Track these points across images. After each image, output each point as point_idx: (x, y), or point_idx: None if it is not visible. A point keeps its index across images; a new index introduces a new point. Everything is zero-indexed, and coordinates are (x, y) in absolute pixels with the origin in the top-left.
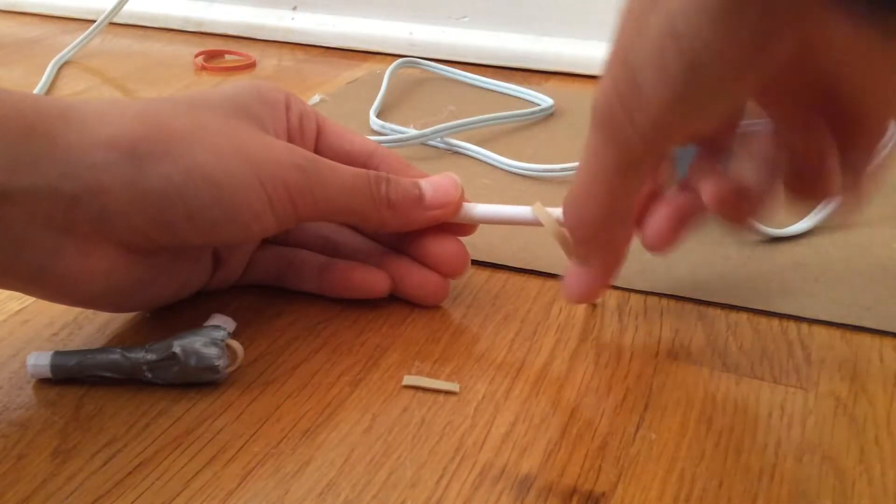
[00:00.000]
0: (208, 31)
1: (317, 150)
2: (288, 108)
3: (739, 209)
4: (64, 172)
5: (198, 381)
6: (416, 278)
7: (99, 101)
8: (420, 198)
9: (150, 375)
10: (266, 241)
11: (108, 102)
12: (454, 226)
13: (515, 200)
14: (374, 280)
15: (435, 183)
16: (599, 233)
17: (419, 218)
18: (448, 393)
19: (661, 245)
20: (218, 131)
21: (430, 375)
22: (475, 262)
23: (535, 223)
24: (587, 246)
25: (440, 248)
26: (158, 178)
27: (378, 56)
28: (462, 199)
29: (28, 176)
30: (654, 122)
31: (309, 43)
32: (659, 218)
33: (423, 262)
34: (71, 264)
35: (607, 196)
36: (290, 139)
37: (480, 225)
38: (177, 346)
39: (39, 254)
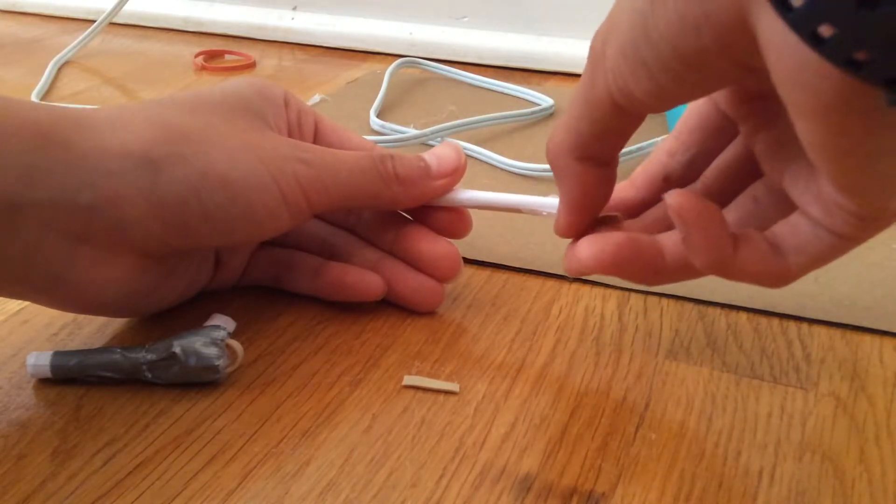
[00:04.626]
0: (208, 31)
1: None
2: (287, 105)
3: (702, 227)
4: (80, 182)
5: (198, 381)
6: (411, 283)
7: (108, 109)
8: (427, 169)
9: (150, 375)
10: (264, 243)
11: (118, 109)
12: (447, 228)
13: None
14: (368, 282)
15: (438, 153)
16: (559, 158)
17: (428, 189)
18: (448, 393)
19: (586, 259)
20: (227, 131)
21: (430, 375)
22: (475, 262)
23: (528, 211)
24: (553, 172)
25: (432, 250)
26: (175, 183)
27: (378, 56)
28: (465, 165)
29: (44, 187)
30: (615, 60)
31: (309, 43)
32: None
33: (416, 265)
34: (85, 273)
35: (573, 124)
36: (289, 136)
37: (478, 226)
38: (177, 346)
39: (54, 263)
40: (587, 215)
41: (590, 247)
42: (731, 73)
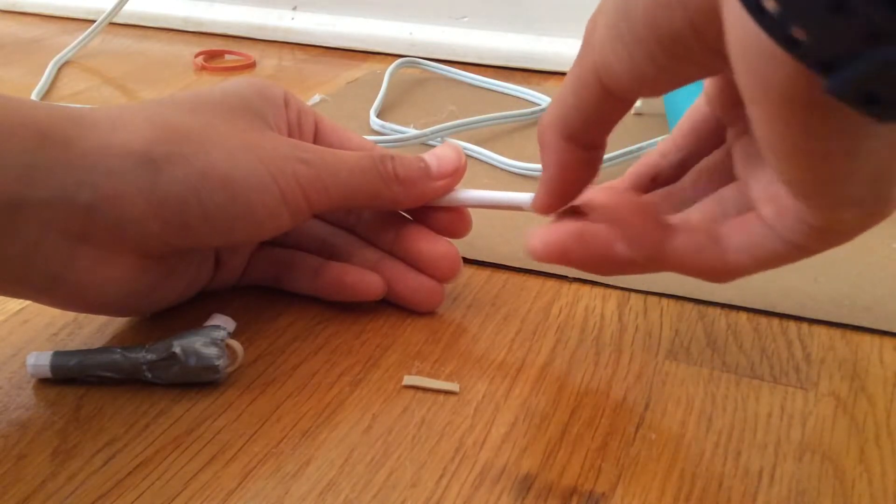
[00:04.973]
0: (208, 31)
1: None
2: (287, 105)
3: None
4: (80, 181)
5: (198, 381)
6: (411, 283)
7: (108, 108)
8: (427, 169)
9: (150, 375)
10: (264, 243)
11: (118, 108)
12: (447, 228)
13: None
14: (367, 282)
15: (438, 154)
16: (545, 133)
17: (429, 190)
18: (448, 393)
19: (544, 247)
20: (227, 131)
21: (430, 375)
22: (475, 263)
23: (529, 209)
24: (539, 146)
25: (432, 250)
26: (175, 182)
27: (378, 56)
28: (465, 166)
29: (43, 185)
30: (601, 38)
31: (309, 43)
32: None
33: (416, 265)
34: (85, 272)
35: (562, 100)
36: (289, 136)
37: (478, 226)
38: (177, 346)
39: (53, 263)
40: (564, 195)
41: (541, 235)
42: (705, 58)
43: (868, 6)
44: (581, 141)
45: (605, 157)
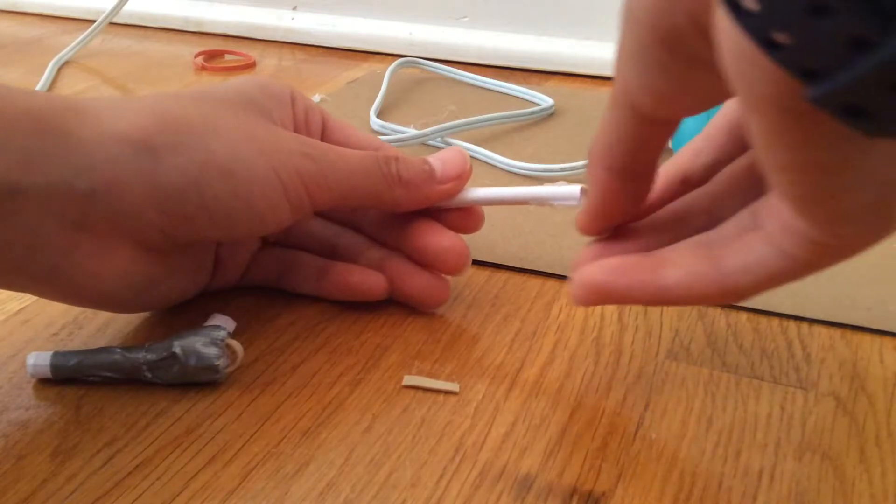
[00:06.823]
0: (208, 31)
1: None
2: (294, 103)
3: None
4: (79, 167)
5: (198, 381)
6: (417, 281)
7: (108, 98)
8: (431, 173)
9: (150, 375)
10: (266, 243)
11: (117, 99)
12: (458, 225)
13: None
14: (371, 282)
15: (443, 157)
16: (591, 165)
17: (432, 193)
18: (448, 393)
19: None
20: (230, 123)
21: (430, 375)
22: (475, 263)
23: (536, 202)
24: (587, 173)
25: (438, 243)
26: (174, 171)
27: (378, 56)
28: (470, 170)
29: (42, 172)
30: (619, 56)
31: (309, 43)
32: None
33: (423, 259)
34: (84, 263)
35: (602, 131)
36: (296, 132)
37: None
38: (177, 346)
39: (52, 252)
40: (605, 222)
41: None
42: (712, 58)
43: (849, 11)
44: (625, 173)
45: None
